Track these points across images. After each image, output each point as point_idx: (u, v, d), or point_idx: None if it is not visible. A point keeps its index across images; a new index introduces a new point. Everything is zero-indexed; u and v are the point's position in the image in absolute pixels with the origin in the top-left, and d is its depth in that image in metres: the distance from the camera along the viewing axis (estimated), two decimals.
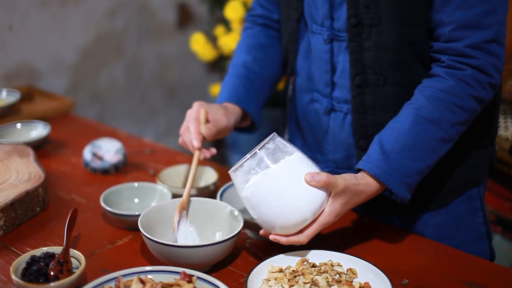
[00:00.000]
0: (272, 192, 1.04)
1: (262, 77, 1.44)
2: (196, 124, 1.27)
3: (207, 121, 1.30)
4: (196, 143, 1.25)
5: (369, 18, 1.19)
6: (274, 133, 1.09)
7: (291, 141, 1.46)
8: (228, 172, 1.09)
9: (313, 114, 1.38)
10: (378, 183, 1.13)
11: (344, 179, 1.08)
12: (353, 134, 1.28)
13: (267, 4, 1.49)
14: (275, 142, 1.07)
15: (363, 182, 1.11)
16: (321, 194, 1.06)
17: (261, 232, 1.11)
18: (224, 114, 1.33)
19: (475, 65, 1.14)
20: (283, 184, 1.04)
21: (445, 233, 1.32)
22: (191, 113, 1.29)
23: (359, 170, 1.15)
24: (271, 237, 1.08)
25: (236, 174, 1.07)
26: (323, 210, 1.08)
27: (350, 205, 1.11)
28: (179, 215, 1.17)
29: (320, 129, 1.37)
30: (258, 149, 1.06)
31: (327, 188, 1.07)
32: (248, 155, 1.06)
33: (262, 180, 1.05)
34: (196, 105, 1.30)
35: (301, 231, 1.08)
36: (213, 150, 1.31)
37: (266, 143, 1.07)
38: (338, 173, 1.12)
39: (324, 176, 1.05)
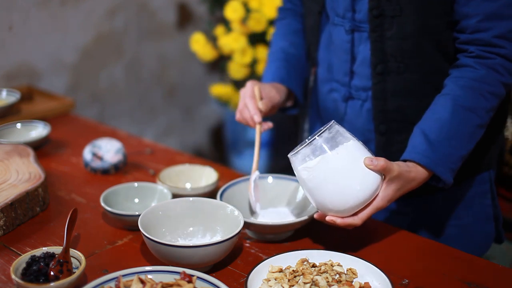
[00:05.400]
0: (330, 175, 1.10)
1: (299, 57, 1.51)
2: (253, 101, 1.34)
3: (261, 98, 1.36)
4: (257, 117, 1.32)
5: (390, 9, 1.24)
6: (333, 120, 1.14)
7: (312, 129, 1.54)
8: (288, 155, 1.14)
9: (331, 103, 1.43)
10: (427, 171, 1.18)
11: (398, 166, 1.14)
12: (373, 119, 1.33)
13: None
14: (334, 129, 1.13)
15: (414, 170, 1.17)
16: (376, 179, 1.12)
17: (315, 215, 1.16)
18: (276, 91, 1.41)
19: (502, 53, 1.19)
20: (340, 168, 1.10)
21: (454, 213, 1.39)
22: (246, 91, 1.36)
23: (404, 161, 1.19)
24: (328, 218, 1.13)
25: (295, 157, 1.13)
26: (377, 195, 1.13)
27: (401, 191, 1.17)
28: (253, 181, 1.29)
29: (337, 117, 1.41)
30: (318, 135, 1.12)
31: (383, 173, 1.12)
32: (307, 141, 1.12)
33: (320, 163, 1.10)
34: (249, 84, 1.37)
35: (355, 214, 1.13)
36: (270, 124, 1.38)
37: (324, 130, 1.12)
38: None
39: (382, 161, 1.10)
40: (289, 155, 1.15)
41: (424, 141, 1.18)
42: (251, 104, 1.33)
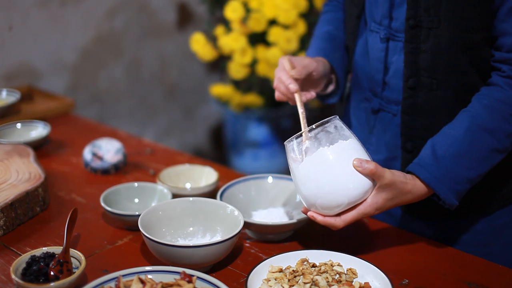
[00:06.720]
0: (320, 170, 1.07)
1: (344, 41, 1.44)
2: (285, 72, 1.25)
3: (293, 68, 1.28)
4: (292, 86, 1.23)
5: (428, 21, 1.18)
6: (336, 115, 1.11)
7: None
8: (284, 142, 1.12)
9: (363, 113, 1.38)
10: (427, 187, 1.13)
11: (392, 174, 1.09)
12: (401, 135, 1.28)
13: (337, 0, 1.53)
14: (334, 124, 1.10)
15: (411, 182, 1.11)
16: (367, 183, 1.08)
17: (302, 208, 1.14)
18: (310, 60, 1.31)
19: None
20: (332, 165, 1.07)
21: (482, 240, 1.30)
22: (277, 68, 1.28)
23: (409, 173, 1.14)
24: (309, 213, 1.11)
25: (290, 146, 1.11)
26: (365, 200, 1.09)
27: (394, 202, 1.11)
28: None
29: (366, 128, 1.37)
30: (316, 127, 1.09)
31: (373, 179, 1.07)
32: (305, 130, 1.09)
33: (313, 156, 1.08)
34: (280, 59, 1.30)
35: (338, 215, 1.10)
36: (313, 93, 1.33)
37: (325, 123, 1.10)
38: None
39: (372, 165, 1.06)
40: (285, 142, 1.12)
41: (431, 155, 1.13)
42: (284, 75, 1.24)
